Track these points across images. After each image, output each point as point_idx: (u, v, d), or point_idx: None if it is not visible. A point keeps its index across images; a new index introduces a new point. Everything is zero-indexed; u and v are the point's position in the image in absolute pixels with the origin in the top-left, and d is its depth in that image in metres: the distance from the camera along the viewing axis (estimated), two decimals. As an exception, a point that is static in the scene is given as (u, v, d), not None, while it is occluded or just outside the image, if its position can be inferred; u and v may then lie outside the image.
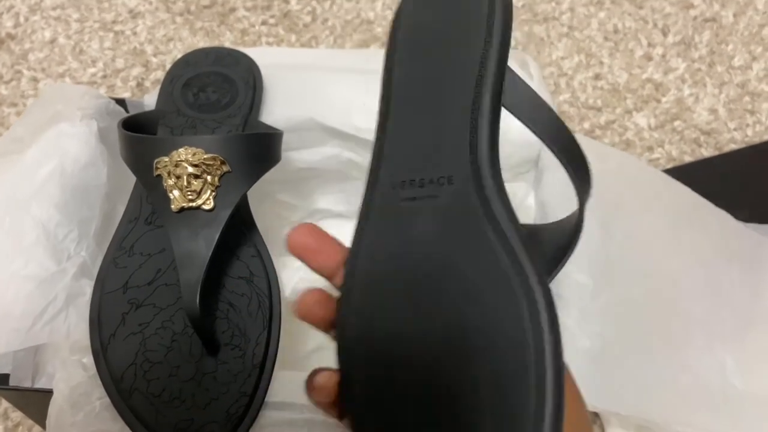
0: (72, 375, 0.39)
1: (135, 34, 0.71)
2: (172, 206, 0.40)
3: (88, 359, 0.40)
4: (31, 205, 0.43)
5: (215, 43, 0.70)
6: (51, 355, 0.41)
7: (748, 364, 0.43)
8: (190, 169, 0.39)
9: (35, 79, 0.66)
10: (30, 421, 0.49)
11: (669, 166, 0.70)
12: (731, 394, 0.41)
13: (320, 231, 0.31)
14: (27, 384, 0.41)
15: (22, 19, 0.71)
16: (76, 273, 0.42)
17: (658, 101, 0.74)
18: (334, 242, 0.31)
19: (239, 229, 0.44)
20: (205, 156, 0.39)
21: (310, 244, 0.31)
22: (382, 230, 0.29)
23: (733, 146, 0.71)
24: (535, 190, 0.51)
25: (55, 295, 0.41)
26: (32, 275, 0.41)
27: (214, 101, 0.49)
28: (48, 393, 0.38)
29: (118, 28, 0.71)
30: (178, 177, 0.39)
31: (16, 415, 0.49)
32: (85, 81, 0.67)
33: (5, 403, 0.49)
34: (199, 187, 0.39)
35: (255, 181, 0.41)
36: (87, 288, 0.42)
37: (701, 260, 0.47)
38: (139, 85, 0.67)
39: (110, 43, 0.70)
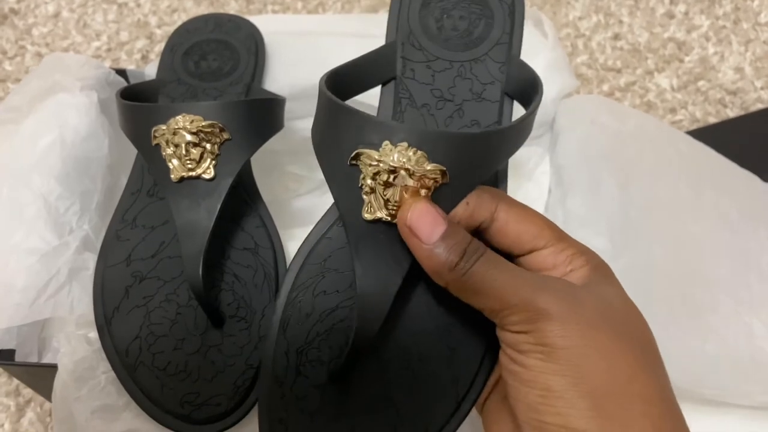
0: (76, 349, 0.38)
1: (139, 5, 0.70)
2: (172, 176, 0.38)
3: (93, 333, 0.39)
4: (31, 176, 0.42)
5: (220, 13, 0.68)
6: (57, 330, 0.41)
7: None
8: (189, 137, 0.38)
9: (39, 55, 0.65)
10: (41, 398, 0.48)
11: (692, 127, 0.67)
12: (760, 359, 0.39)
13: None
14: (33, 359, 0.40)
15: (25, -6, 0.70)
16: (79, 246, 0.41)
17: (681, 61, 0.71)
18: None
19: (243, 200, 0.43)
20: (203, 123, 0.38)
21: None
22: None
23: (760, 106, 0.68)
24: (550, 155, 0.49)
25: (57, 268, 0.40)
26: (34, 248, 0.40)
27: (215, 69, 0.48)
28: (53, 368, 0.38)
29: (121, 0, 0.70)
30: (176, 145, 0.38)
31: (27, 392, 0.49)
32: (90, 55, 0.66)
33: (17, 380, 0.49)
34: (198, 155, 0.38)
35: (256, 149, 0.40)
36: (90, 262, 0.41)
37: (726, 223, 0.45)
38: (144, 57, 0.66)
39: (114, 15, 0.69)
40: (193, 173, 0.38)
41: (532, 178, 0.48)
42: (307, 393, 0.33)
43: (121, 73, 0.49)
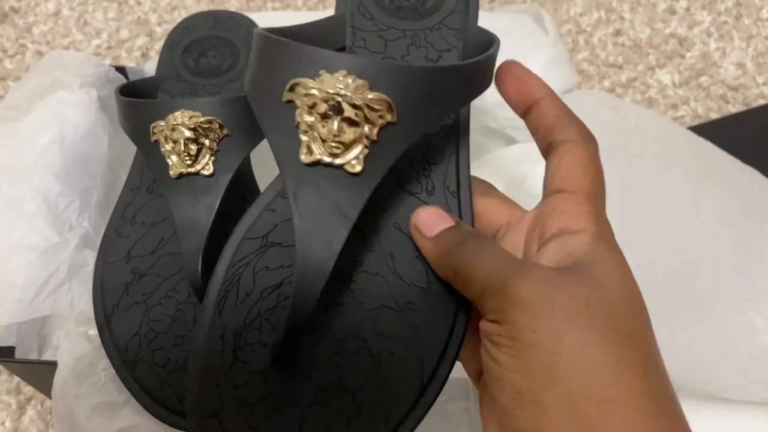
0: (76, 346, 0.38)
1: (139, 3, 0.70)
2: (171, 172, 0.38)
3: (93, 330, 0.39)
4: (30, 174, 0.42)
5: (220, 11, 0.68)
6: (57, 327, 0.41)
7: (779, 324, 0.41)
8: (187, 133, 0.38)
9: (40, 53, 0.66)
10: (42, 395, 0.48)
11: (694, 123, 0.67)
12: (762, 355, 0.39)
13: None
14: (33, 357, 0.40)
15: (25, -8, 0.70)
16: (79, 244, 0.41)
17: (683, 57, 0.71)
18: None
19: (242, 196, 0.43)
20: (202, 119, 0.38)
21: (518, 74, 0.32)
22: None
23: (762, 101, 0.68)
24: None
25: (57, 266, 0.40)
26: (33, 245, 0.40)
27: (214, 66, 0.48)
28: (53, 365, 0.38)
29: (121, -2, 0.70)
30: (175, 141, 0.38)
31: (28, 389, 0.49)
32: (90, 53, 0.66)
33: (17, 378, 0.49)
34: (197, 151, 0.38)
35: (255, 145, 0.40)
36: (90, 259, 0.41)
37: (728, 219, 0.45)
38: (144, 55, 0.66)
39: (114, 13, 0.69)
40: (192, 169, 0.38)
41: (532, 174, 0.48)
42: (247, 380, 0.28)
43: (121, 70, 0.49)
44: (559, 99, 0.32)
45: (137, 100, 0.41)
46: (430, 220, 0.29)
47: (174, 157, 0.38)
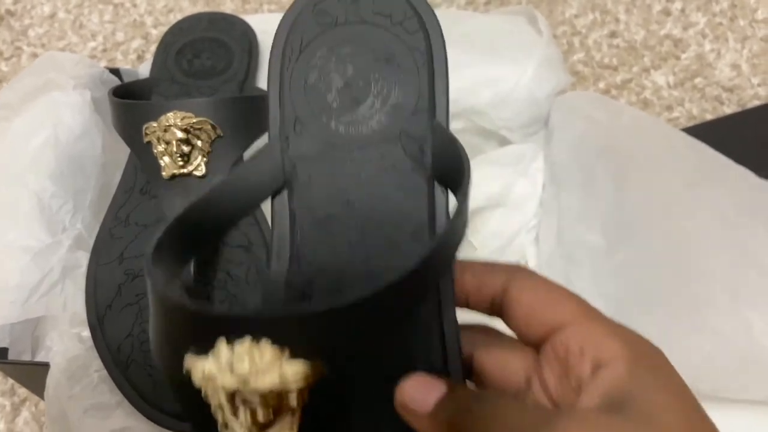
0: (69, 347, 0.38)
1: (135, 6, 0.70)
2: (163, 173, 0.38)
3: (86, 332, 0.39)
4: (24, 175, 0.42)
5: (216, 13, 0.68)
6: (50, 328, 0.41)
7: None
8: (180, 134, 0.38)
9: (35, 55, 0.66)
10: (36, 397, 0.48)
11: (689, 125, 0.67)
12: (760, 355, 0.39)
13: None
14: (26, 358, 0.40)
15: (21, -5, 0.71)
16: (72, 245, 0.41)
17: (678, 58, 0.71)
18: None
19: (236, 197, 0.43)
20: (194, 120, 0.38)
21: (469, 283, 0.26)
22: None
23: (757, 102, 0.68)
24: (544, 151, 0.49)
25: (50, 267, 0.40)
26: (27, 247, 0.40)
27: (208, 67, 0.48)
28: (46, 366, 0.38)
29: (117, 0, 0.70)
30: (167, 143, 0.38)
31: (23, 391, 0.49)
32: (86, 55, 0.66)
33: (12, 380, 0.49)
34: (190, 152, 0.38)
35: (248, 146, 0.40)
36: (83, 260, 0.41)
37: (723, 218, 0.45)
38: (140, 57, 0.66)
39: (110, 16, 0.69)
40: (185, 170, 0.38)
41: (526, 175, 0.48)
42: None
43: (115, 72, 0.49)
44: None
45: (130, 102, 0.41)
46: (418, 394, 0.23)
47: (166, 158, 0.38)
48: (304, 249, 0.27)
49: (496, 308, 0.25)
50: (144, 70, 0.50)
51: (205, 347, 0.20)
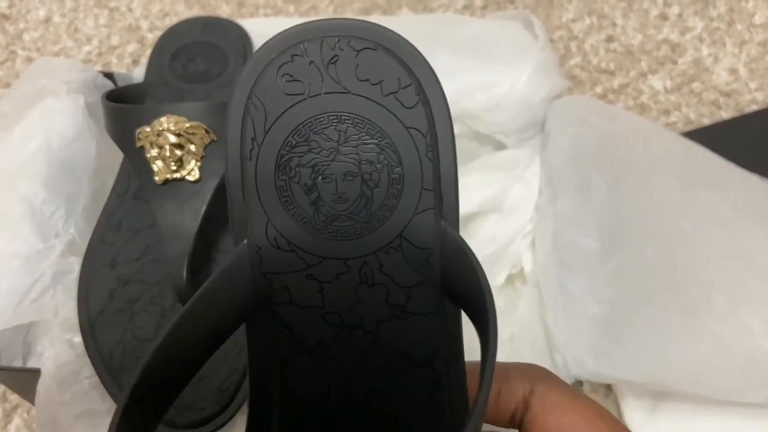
0: (60, 353, 0.38)
1: (130, 10, 0.70)
2: (156, 178, 0.38)
3: (78, 338, 0.39)
4: (16, 181, 0.42)
5: (212, 17, 0.68)
6: (41, 334, 0.40)
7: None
8: (173, 139, 0.37)
9: (30, 59, 0.65)
10: (29, 403, 0.48)
11: (686, 129, 0.66)
12: (760, 357, 0.39)
13: None
14: (18, 364, 0.40)
15: (16, -1, 0.70)
16: (64, 250, 0.41)
17: (675, 63, 0.70)
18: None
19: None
20: (188, 125, 0.38)
21: None
22: None
23: (754, 107, 0.68)
24: (540, 156, 0.49)
25: (42, 272, 0.40)
26: (18, 252, 0.40)
27: (203, 72, 0.48)
28: (37, 372, 0.37)
29: (112, 4, 0.70)
30: (160, 147, 0.38)
31: (14, 397, 0.49)
32: (81, 59, 0.66)
33: (3, 386, 0.48)
34: (183, 157, 0.38)
35: (241, 150, 0.40)
36: (75, 265, 0.41)
37: (720, 221, 0.45)
38: (135, 61, 0.65)
39: (105, 20, 0.69)
40: (178, 175, 0.38)
41: (522, 179, 0.47)
42: None
43: (109, 76, 0.49)
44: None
45: (122, 105, 0.40)
46: None
47: (159, 163, 0.38)
48: (291, 384, 0.23)
49: (515, 422, 0.22)
50: (139, 74, 0.50)
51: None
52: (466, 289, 0.21)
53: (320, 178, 0.22)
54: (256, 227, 0.22)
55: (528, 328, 0.44)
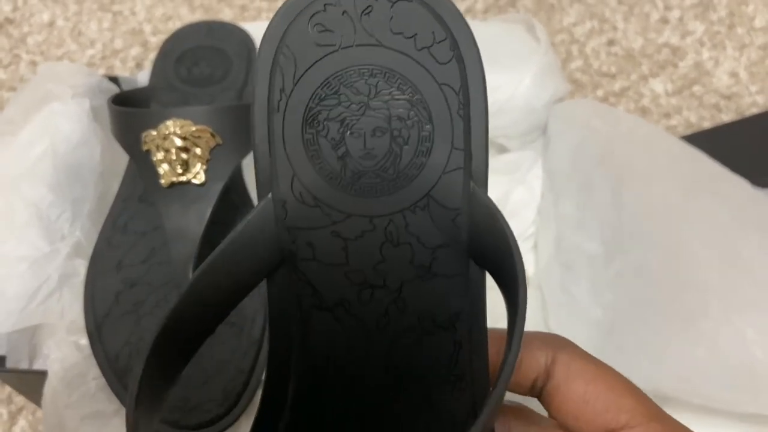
0: (67, 356, 0.38)
1: (134, 13, 0.70)
2: (162, 181, 0.38)
3: (84, 340, 0.39)
4: (22, 185, 0.42)
5: (215, 21, 0.69)
6: (47, 336, 0.40)
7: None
8: (179, 142, 0.38)
9: (34, 63, 0.66)
10: (34, 405, 0.48)
11: (687, 132, 0.67)
12: (753, 366, 0.39)
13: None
14: (24, 366, 0.40)
15: (20, 3, 0.71)
16: (70, 253, 0.41)
17: (676, 66, 0.71)
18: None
19: (234, 205, 0.43)
20: (193, 128, 0.38)
21: None
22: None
23: (755, 110, 0.68)
24: (542, 159, 0.49)
25: (48, 275, 0.40)
26: (24, 256, 0.40)
27: (207, 75, 0.48)
28: (43, 374, 0.38)
29: (116, 8, 0.70)
30: (166, 150, 0.38)
31: (20, 399, 0.49)
32: (84, 63, 0.66)
33: (9, 388, 0.49)
34: (189, 160, 0.38)
35: (246, 154, 0.40)
36: (81, 268, 0.41)
37: (718, 227, 0.45)
38: (138, 65, 0.66)
39: (109, 23, 0.69)
40: (184, 178, 0.38)
41: (524, 182, 0.48)
42: None
43: (114, 80, 0.49)
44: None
45: (128, 109, 0.41)
46: None
47: (165, 166, 0.38)
48: (311, 341, 0.22)
49: (535, 391, 0.22)
50: (142, 78, 0.50)
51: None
52: (494, 252, 0.21)
53: (348, 132, 0.21)
54: (281, 181, 0.22)
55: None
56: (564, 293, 0.43)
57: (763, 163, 0.59)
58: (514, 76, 0.49)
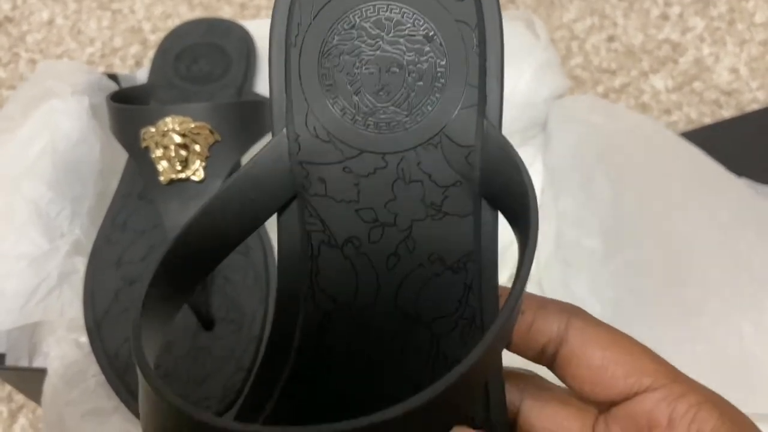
0: (66, 353, 0.38)
1: (133, 12, 0.70)
2: (161, 178, 0.38)
3: (84, 337, 0.39)
4: (21, 182, 0.42)
5: (215, 19, 0.69)
6: (47, 334, 0.40)
7: (767, 331, 0.40)
8: (177, 139, 0.38)
9: (33, 61, 0.66)
10: (34, 403, 0.48)
11: (688, 128, 0.67)
12: (750, 363, 0.39)
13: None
14: (24, 364, 0.40)
15: (19, 2, 0.70)
16: (69, 250, 0.41)
17: (676, 62, 0.71)
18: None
19: (234, 202, 0.43)
20: (192, 125, 0.38)
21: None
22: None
23: (755, 106, 0.68)
24: (542, 155, 0.49)
25: (47, 272, 0.40)
26: (24, 253, 0.40)
27: (206, 73, 0.48)
28: (43, 372, 0.38)
29: (115, 6, 0.70)
30: (165, 147, 0.38)
31: (20, 397, 0.49)
32: (84, 61, 0.66)
33: (9, 386, 0.49)
34: (188, 157, 0.38)
35: (245, 151, 0.40)
36: (80, 265, 0.41)
37: (717, 224, 0.45)
38: (138, 63, 0.66)
39: (108, 21, 0.69)
40: (183, 175, 0.38)
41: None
42: None
43: (113, 77, 0.49)
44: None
45: (127, 106, 0.41)
46: None
47: (164, 163, 0.38)
48: (319, 279, 0.23)
49: (546, 358, 0.21)
50: (142, 75, 0.50)
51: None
52: (506, 187, 0.20)
53: (364, 68, 0.22)
54: (296, 116, 0.22)
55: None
56: (564, 289, 0.43)
57: (764, 160, 0.59)
58: (514, 72, 0.49)
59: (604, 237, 0.43)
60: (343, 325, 0.22)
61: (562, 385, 0.22)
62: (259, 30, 0.52)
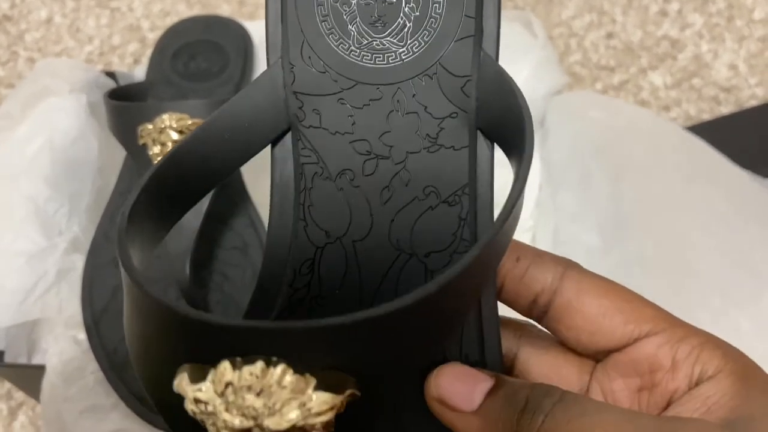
0: (65, 350, 0.38)
1: (131, 10, 0.70)
2: (159, 175, 0.38)
3: (82, 334, 0.39)
4: (20, 180, 0.42)
5: (213, 17, 0.69)
6: (46, 331, 0.41)
7: (766, 327, 0.40)
8: (175, 136, 0.38)
9: (32, 60, 0.66)
10: (33, 401, 0.48)
11: (687, 125, 0.67)
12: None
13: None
14: (22, 361, 0.40)
15: (18, 0, 0.71)
16: (68, 248, 0.41)
17: (675, 58, 0.71)
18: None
19: (232, 200, 0.43)
20: (190, 122, 0.38)
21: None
22: None
23: (754, 102, 0.68)
24: (540, 151, 0.49)
25: (45, 270, 0.40)
26: (22, 250, 0.40)
27: (204, 70, 0.48)
28: (41, 369, 0.38)
29: (114, 4, 0.70)
30: (162, 144, 0.38)
31: (20, 395, 0.49)
32: (82, 59, 0.66)
33: (9, 384, 0.49)
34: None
35: (243, 147, 0.40)
36: (79, 262, 0.41)
37: (717, 218, 0.45)
38: (136, 61, 0.66)
39: (106, 20, 0.69)
40: (180, 172, 0.38)
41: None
42: None
43: (111, 75, 0.49)
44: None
45: (124, 103, 0.41)
46: (460, 387, 0.18)
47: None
48: (312, 211, 0.22)
49: (537, 309, 0.21)
50: (140, 73, 0.50)
51: (201, 364, 0.15)
52: (502, 114, 0.20)
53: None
54: (291, 46, 0.22)
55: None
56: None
57: (762, 156, 0.59)
58: (512, 70, 0.49)
59: (602, 232, 0.43)
60: (335, 259, 0.22)
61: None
62: (259, 30, 0.52)
